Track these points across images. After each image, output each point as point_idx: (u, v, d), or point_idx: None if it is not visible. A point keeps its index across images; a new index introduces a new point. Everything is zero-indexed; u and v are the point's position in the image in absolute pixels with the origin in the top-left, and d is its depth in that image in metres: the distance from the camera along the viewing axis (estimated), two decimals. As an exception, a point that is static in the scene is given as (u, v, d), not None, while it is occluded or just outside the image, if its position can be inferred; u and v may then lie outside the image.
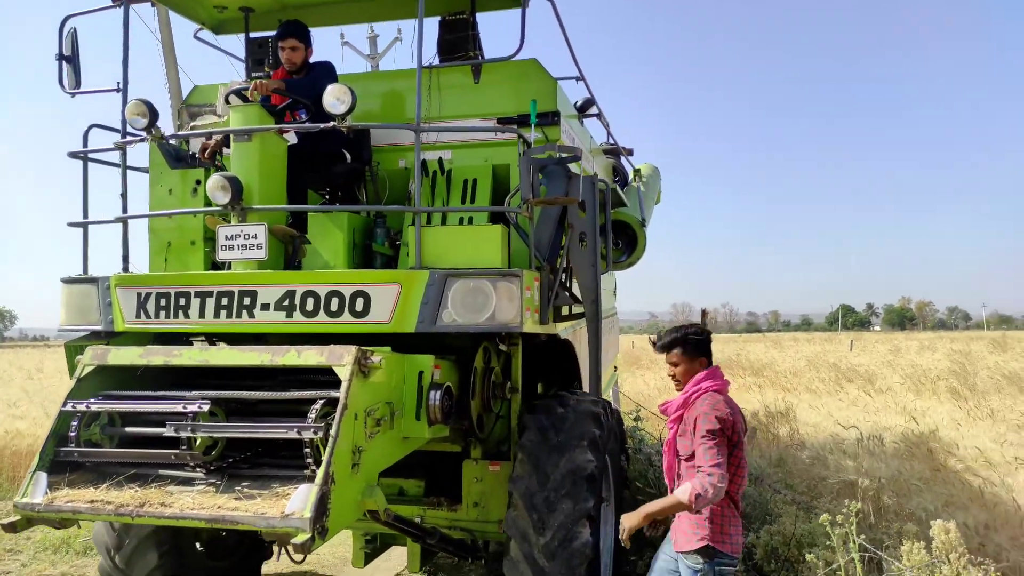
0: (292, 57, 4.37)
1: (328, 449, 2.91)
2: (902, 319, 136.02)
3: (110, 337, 4.11)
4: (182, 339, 4.31)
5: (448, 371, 4.05)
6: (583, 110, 5.55)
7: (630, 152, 7.17)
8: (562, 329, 4.64)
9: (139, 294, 3.90)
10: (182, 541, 4.44)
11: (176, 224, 4.28)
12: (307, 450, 3.05)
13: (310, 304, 3.65)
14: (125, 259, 4.14)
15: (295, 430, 3.04)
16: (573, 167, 4.24)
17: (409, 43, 5.55)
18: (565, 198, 3.85)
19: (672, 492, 3.19)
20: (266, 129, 3.80)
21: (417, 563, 4.67)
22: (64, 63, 4.20)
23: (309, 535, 2.76)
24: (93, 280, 4.09)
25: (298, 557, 4.92)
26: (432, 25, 5.01)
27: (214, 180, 3.59)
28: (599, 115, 5.60)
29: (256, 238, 3.69)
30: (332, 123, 3.61)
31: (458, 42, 4.79)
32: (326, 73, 4.24)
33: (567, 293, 4.33)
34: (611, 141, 7.04)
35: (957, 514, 4.70)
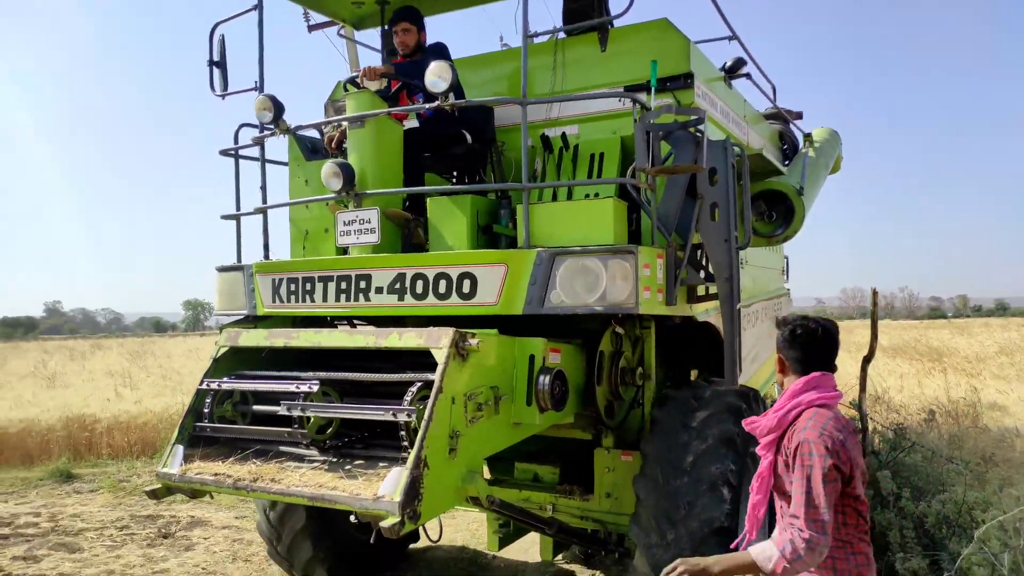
0: (405, 39, 4.37)
1: (420, 433, 2.84)
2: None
3: (257, 321, 4.38)
4: (326, 322, 4.51)
5: (572, 355, 3.85)
6: (733, 71, 5.04)
7: (799, 116, 6.46)
8: (701, 311, 4.25)
9: (274, 280, 4.11)
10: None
11: (312, 214, 4.46)
12: (402, 433, 3.02)
13: (419, 287, 3.62)
14: (266, 247, 4.39)
15: (391, 412, 3.02)
16: (714, 132, 3.84)
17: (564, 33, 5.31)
18: (687, 166, 3.46)
19: (747, 544, 2.40)
20: (375, 114, 3.82)
21: (549, 552, 4.53)
22: (214, 68, 4.52)
23: (398, 519, 2.71)
24: (240, 268, 4.38)
25: (433, 535, 5.02)
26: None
27: (327, 168, 3.67)
28: (749, 75, 5.05)
29: (370, 222, 3.73)
30: (436, 103, 3.54)
31: (583, 9, 4.53)
32: (437, 53, 4.18)
33: (701, 271, 3.94)
34: (776, 105, 6.39)
35: None
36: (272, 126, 4.02)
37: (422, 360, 3.37)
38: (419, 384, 3.07)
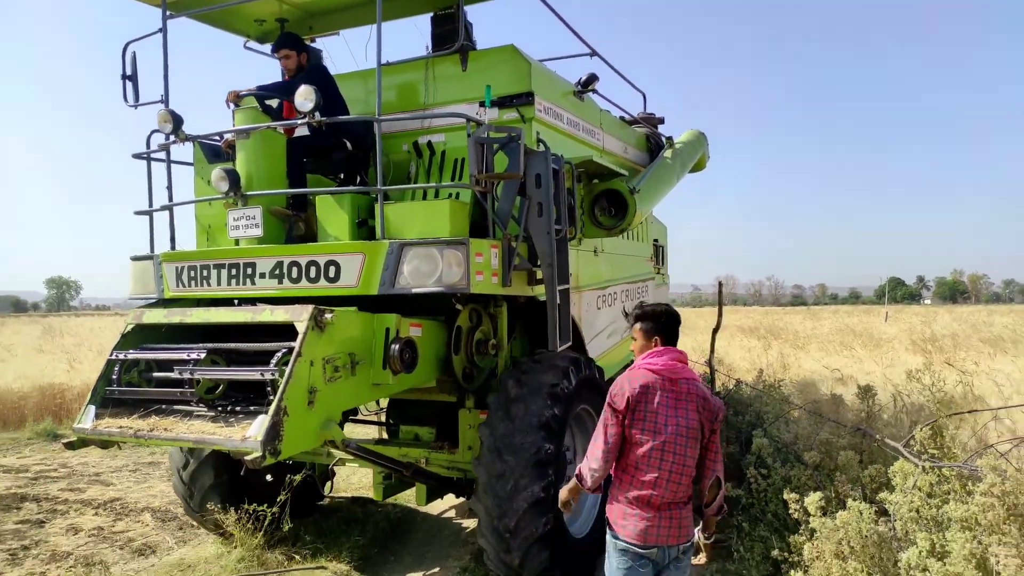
0: (286, 64, 5.09)
1: (281, 387, 3.59)
2: (953, 292, 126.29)
3: (166, 304, 5.06)
4: (231, 302, 5.19)
5: (433, 329, 4.65)
6: (586, 86, 5.84)
7: (660, 121, 7.32)
8: (543, 292, 5.07)
9: (177, 267, 4.81)
10: (234, 465, 5.26)
11: (214, 210, 5.15)
12: (269, 389, 3.77)
13: (295, 272, 4.36)
14: (172, 239, 5.06)
15: (258, 372, 3.77)
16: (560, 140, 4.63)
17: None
18: (509, 174, 4.28)
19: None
20: (256, 128, 4.55)
21: (423, 499, 5.32)
22: (127, 81, 5.15)
23: (260, 454, 3.46)
24: (151, 257, 5.06)
25: (325, 491, 5.77)
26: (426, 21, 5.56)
27: (215, 173, 4.38)
28: (596, 90, 5.87)
29: (254, 218, 4.46)
30: (306, 120, 4.28)
31: (447, 35, 5.28)
32: (310, 76, 4.87)
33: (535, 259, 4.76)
34: (630, 114, 7.27)
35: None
36: (173, 136, 4.69)
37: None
38: (284, 350, 3.83)
